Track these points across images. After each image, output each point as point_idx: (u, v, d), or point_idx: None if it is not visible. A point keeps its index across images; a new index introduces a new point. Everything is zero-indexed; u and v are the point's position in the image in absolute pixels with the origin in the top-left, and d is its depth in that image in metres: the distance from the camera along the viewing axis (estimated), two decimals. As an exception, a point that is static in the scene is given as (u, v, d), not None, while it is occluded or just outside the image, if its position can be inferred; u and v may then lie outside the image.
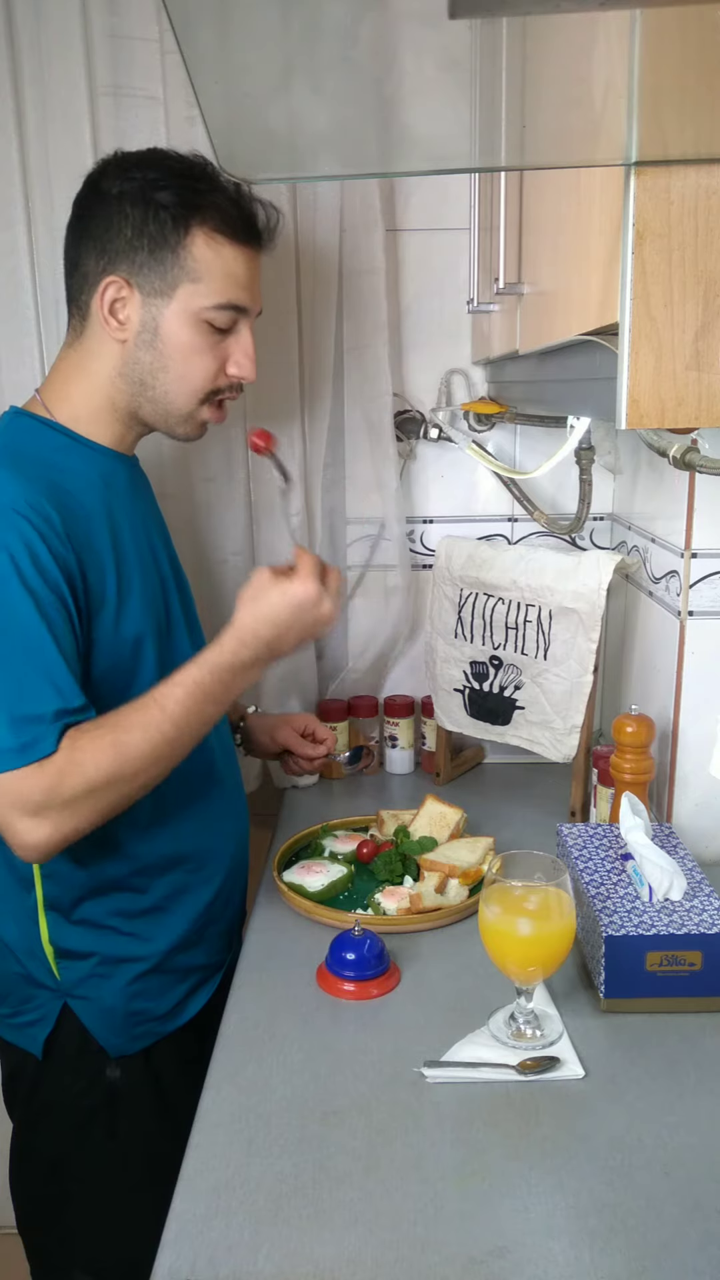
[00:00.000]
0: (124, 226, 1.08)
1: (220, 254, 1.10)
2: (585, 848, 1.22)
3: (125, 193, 1.08)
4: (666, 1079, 0.95)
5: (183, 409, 1.15)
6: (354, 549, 1.71)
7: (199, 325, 1.11)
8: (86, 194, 1.11)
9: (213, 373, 1.14)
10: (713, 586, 1.30)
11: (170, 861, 1.18)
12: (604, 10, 0.44)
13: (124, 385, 1.13)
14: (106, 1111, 1.17)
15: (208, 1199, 0.82)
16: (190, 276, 1.09)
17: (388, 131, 0.67)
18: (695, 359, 0.72)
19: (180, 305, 1.10)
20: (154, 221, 1.07)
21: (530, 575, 1.48)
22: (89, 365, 1.13)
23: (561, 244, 0.94)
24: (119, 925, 1.16)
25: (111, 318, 1.10)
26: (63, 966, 1.15)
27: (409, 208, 1.59)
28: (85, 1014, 1.15)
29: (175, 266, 1.09)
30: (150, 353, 1.11)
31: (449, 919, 1.22)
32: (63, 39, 1.40)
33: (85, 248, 1.10)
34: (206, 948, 1.24)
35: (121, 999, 1.16)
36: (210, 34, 0.49)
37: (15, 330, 1.50)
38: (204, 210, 1.08)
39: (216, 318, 1.11)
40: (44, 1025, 1.16)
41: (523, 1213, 0.80)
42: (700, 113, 0.61)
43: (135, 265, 1.09)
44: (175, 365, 1.12)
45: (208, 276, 1.10)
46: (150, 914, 1.17)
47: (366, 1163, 0.85)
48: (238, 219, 1.11)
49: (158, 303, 1.10)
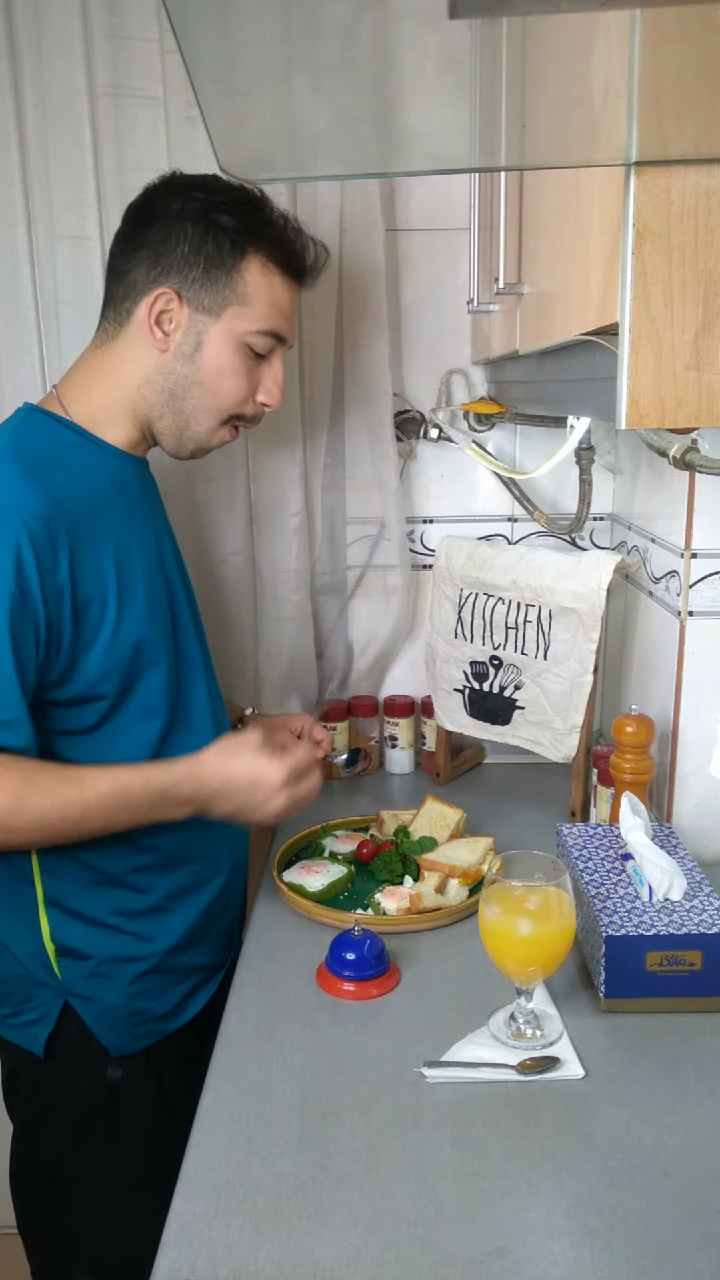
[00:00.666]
0: (182, 242, 1.11)
1: (271, 283, 1.14)
2: (585, 848, 1.22)
3: (187, 210, 1.11)
4: (666, 1079, 0.95)
5: (203, 425, 1.17)
6: (354, 549, 1.71)
7: (239, 348, 1.14)
8: (144, 206, 1.14)
9: (243, 396, 1.17)
10: (713, 586, 1.30)
11: (173, 861, 1.19)
12: (604, 10, 0.44)
13: (150, 394, 1.15)
14: (108, 1111, 1.18)
15: (208, 1199, 0.82)
16: (240, 300, 1.13)
17: (388, 131, 0.67)
18: (695, 359, 0.72)
19: (226, 326, 1.13)
20: (213, 242, 1.11)
21: (530, 575, 1.48)
22: (118, 369, 1.15)
23: (561, 244, 0.94)
24: (120, 924, 1.16)
25: (157, 327, 1.12)
26: (64, 965, 1.15)
27: (409, 208, 1.59)
28: (87, 1013, 1.15)
29: (227, 288, 1.12)
30: (189, 366, 1.13)
31: (449, 919, 1.22)
32: (63, 39, 1.40)
33: (138, 257, 1.13)
34: (207, 947, 1.25)
35: (123, 998, 1.16)
36: (210, 34, 0.49)
37: (15, 330, 1.50)
38: (263, 239, 1.13)
39: (257, 343, 1.15)
40: (45, 1024, 1.16)
41: (523, 1213, 0.80)
42: (700, 113, 0.61)
43: (188, 280, 1.11)
44: (209, 382, 1.14)
45: (256, 302, 1.13)
46: (152, 914, 1.18)
47: (366, 1163, 0.85)
48: (292, 253, 1.16)
49: (204, 319, 1.12)
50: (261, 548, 1.61)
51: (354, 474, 1.67)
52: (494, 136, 0.66)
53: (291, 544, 1.60)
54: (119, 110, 1.44)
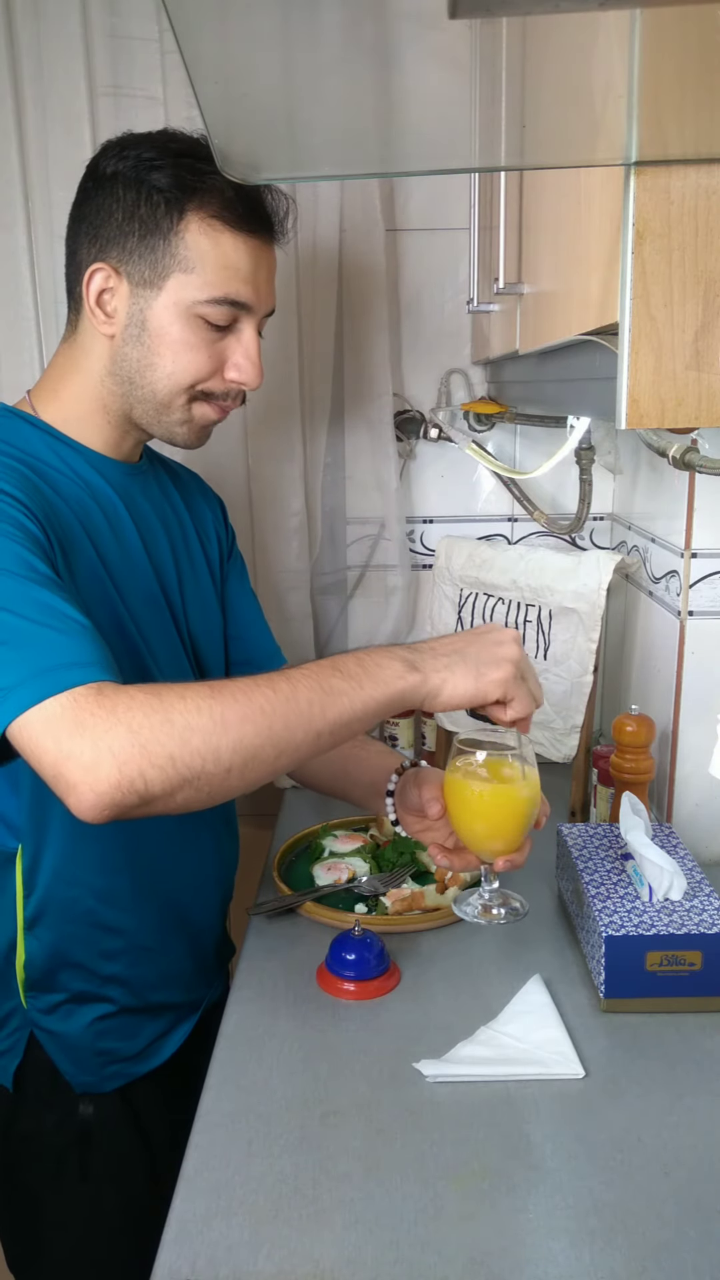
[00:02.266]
0: (115, 210, 0.99)
1: (218, 243, 0.99)
2: (585, 848, 1.22)
3: (119, 173, 0.99)
4: (666, 1079, 0.95)
5: (169, 402, 1.03)
6: (354, 549, 1.71)
7: (191, 320, 1.00)
8: (85, 176, 1.03)
9: (205, 371, 1.02)
10: (713, 586, 1.30)
11: (156, 905, 1.11)
12: (604, 10, 0.44)
13: (114, 385, 1.03)
14: (78, 1150, 1.09)
15: (208, 1199, 0.82)
16: (182, 266, 0.98)
17: (388, 131, 0.67)
18: (695, 359, 0.72)
19: (170, 297, 0.99)
20: (146, 204, 0.98)
21: (530, 575, 1.48)
22: (81, 363, 1.04)
23: (561, 244, 0.94)
24: (91, 963, 1.07)
25: (99, 309, 1.01)
26: (30, 995, 1.07)
27: (409, 208, 1.59)
28: (51, 1047, 1.07)
29: (167, 254, 0.98)
30: (138, 348, 1.01)
31: (449, 919, 1.22)
32: (63, 39, 1.41)
33: (80, 233, 1.02)
34: (181, 986, 1.16)
35: (87, 1036, 1.08)
36: (210, 34, 0.49)
37: (15, 330, 1.50)
38: (201, 194, 0.98)
39: (211, 313, 1.00)
40: (13, 1055, 1.08)
41: (523, 1213, 0.80)
42: (700, 113, 0.61)
43: (125, 252, 0.99)
44: (163, 362, 1.01)
45: (201, 267, 0.99)
46: (126, 954, 1.09)
47: (366, 1163, 0.85)
48: (239, 204, 0.99)
49: (146, 294, 1.00)
50: (261, 548, 1.61)
51: (354, 474, 1.67)
52: (494, 136, 0.66)
53: (291, 544, 1.60)
54: (119, 110, 1.44)
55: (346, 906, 1.25)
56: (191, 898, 1.16)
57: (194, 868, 1.16)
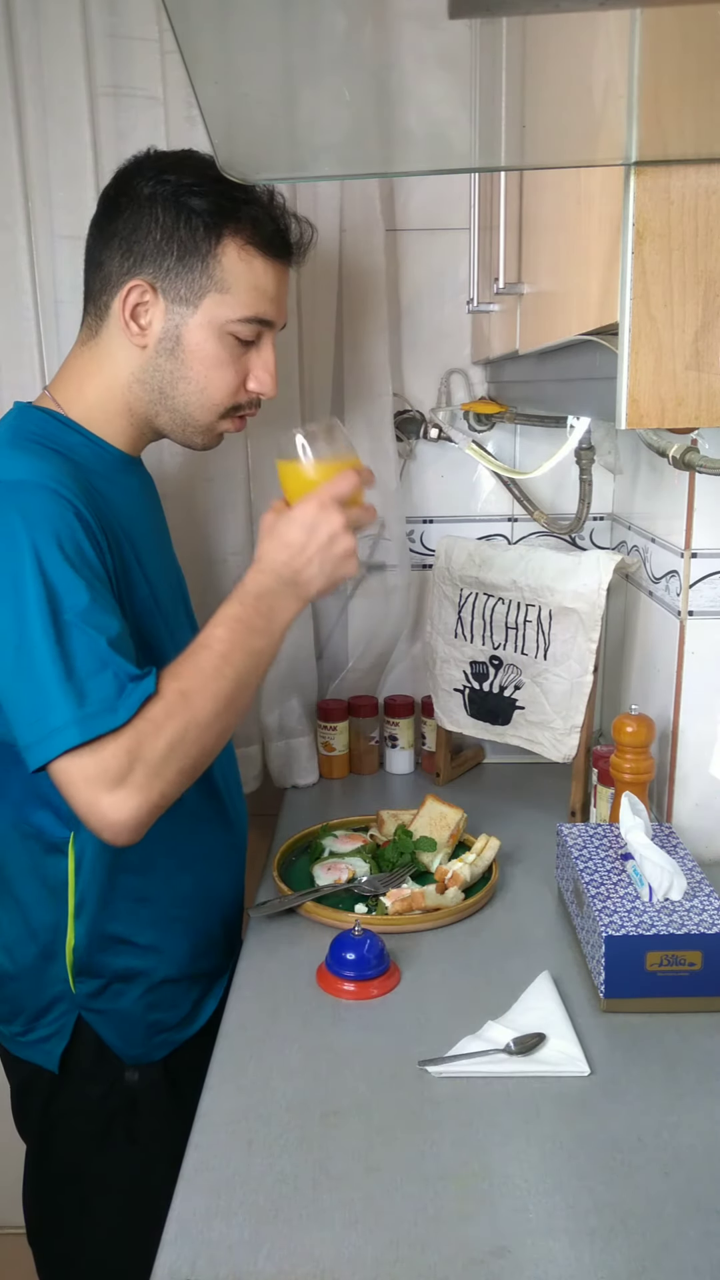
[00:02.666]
0: (153, 229, 1.05)
1: (251, 266, 1.07)
2: (585, 848, 1.22)
3: (157, 195, 1.05)
4: (666, 1079, 0.95)
5: (201, 421, 1.13)
6: (354, 549, 1.71)
7: (223, 337, 1.09)
8: (116, 191, 1.08)
9: (233, 387, 1.12)
10: (713, 586, 1.30)
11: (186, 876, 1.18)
12: (604, 10, 0.44)
13: (142, 392, 1.11)
14: (126, 1116, 1.16)
15: (208, 1199, 0.82)
16: (219, 287, 1.07)
17: (388, 131, 0.67)
18: (695, 359, 0.72)
19: (206, 316, 1.07)
20: (185, 227, 1.05)
21: (530, 575, 1.48)
22: (106, 367, 1.11)
23: (561, 244, 0.94)
24: (132, 936, 1.14)
25: (133, 322, 1.08)
26: (79, 980, 1.13)
27: (409, 208, 1.59)
28: (102, 1026, 1.14)
29: (204, 275, 1.06)
30: (172, 361, 1.09)
31: (449, 919, 1.22)
32: (63, 39, 1.40)
33: (111, 246, 1.08)
34: (213, 953, 1.24)
35: (138, 1010, 1.15)
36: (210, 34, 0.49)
37: (15, 330, 1.50)
38: (239, 220, 1.06)
39: (242, 330, 1.09)
40: (60, 1039, 1.14)
41: (523, 1213, 0.80)
42: (700, 113, 0.61)
43: (162, 270, 1.06)
44: (196, 376, 1.09)
45: (236, 288, 1.07)
46: (160, 924, 1.16)
47: (366, 1163, 0.85)
48: (272, 232, 1.08)
49: (182, 311, 1.07)
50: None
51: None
52: (494, 136, 0.66)
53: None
54: (119, 110, 1.44)
55: (346, 906, 1.25)
56: (216, 866, 1.23)
57: (214, 837, 1.23)
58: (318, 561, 1.05)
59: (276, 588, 1.05)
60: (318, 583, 1.06)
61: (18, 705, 0.96)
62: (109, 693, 0.94)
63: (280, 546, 1.05)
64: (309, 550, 1.04)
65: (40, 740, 0.94)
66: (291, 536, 1.04)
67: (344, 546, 1.05)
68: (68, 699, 0.93)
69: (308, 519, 1.04)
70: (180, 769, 0.98)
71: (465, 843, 1.38)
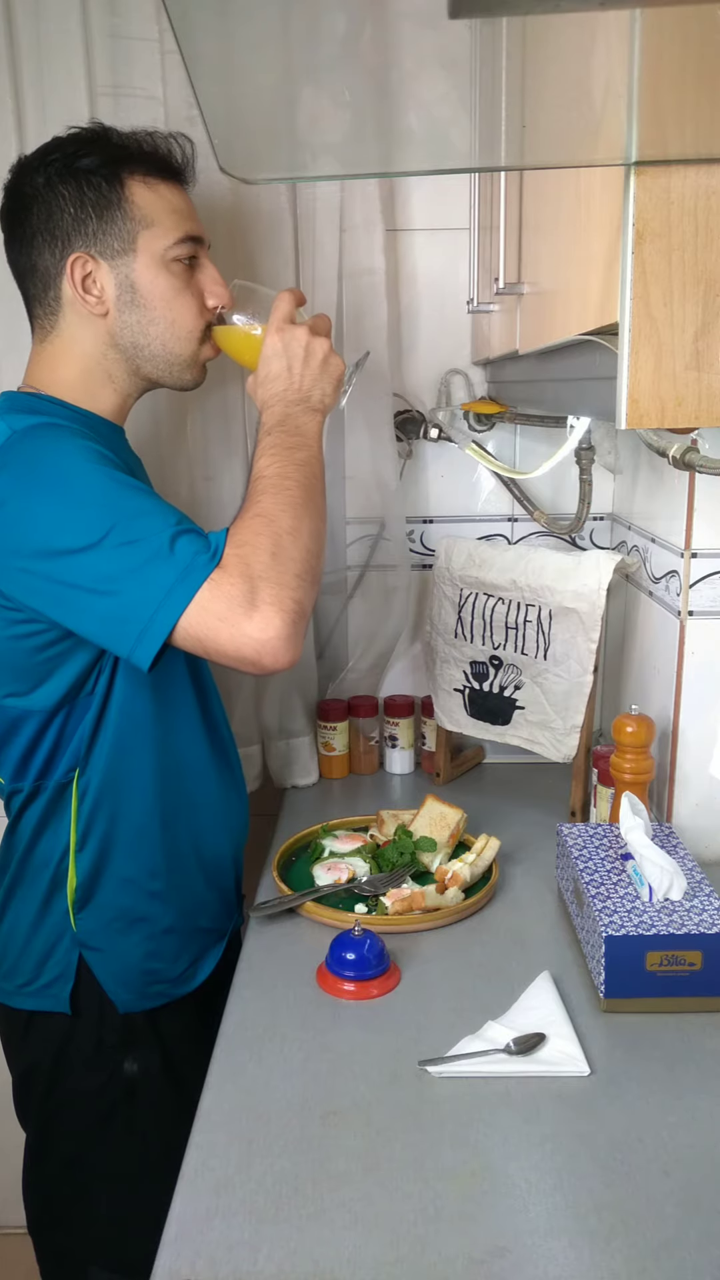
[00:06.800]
0: (65, 206, 1.10)
1: (159, 193, 1.13)
2: (585, 848, 1.22)
3: (52, 177, 1.11)
4: (666, 1079, 0.95)
5: (184, 354, 1.17)
6: (354, 549, 1.71)
7: (168, 265, 1.14)
8: (13, 201, 1.14)
9: (196, 309, 1.17)
10: (713, 586, 1.30)
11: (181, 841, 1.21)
12: (604, 10, 0.44)
13: (119, 355, 1.15)
14: (125, 1106, 1.19)
15: (208, 1199, 0.82)
16: (144, 224, 1.12)
17: (388, 131, 0.67)
18: (695, 359, 0.72)
19: (146, 255, 1.13)
20: (90, 189, 1.10)
21: (530, 575, 1.48)
22: (74, 349, 1.15)
23: (561, 244, 0.94)
24: (137, 878, 1.17)
25: (87, 294, 1.12)
26: (79, 916, 1.16)
27: (409, 208, 1.59)
28: (99, 968, 1.16)
29: (126, 220, 1.11)
30: (135, 311, 1.14)
31: (449, 919, 1.22)
32: (63, 39, 1.40)
33: (35, 245, 1.12)
34: (212, 912, 1.26)
35: (136, 955, 1.18)
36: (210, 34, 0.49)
37: (15, 330, 1.50)
38: (130, 160, 1.12)
39: (180, 252, 1.14)
40: (65, 980, 1.17)
41: (523, 1213, 0.80)
42: (700, 113, 0.61)
43: (90, 236, 1.11)
44: (162, 314, 1.14)
45: (158, 217, 1.13)
46: (167, 872, 1.19)
47: (366, 1163, 0.86)
48: (160, 158, 1.15)
49: (125, 261, 1.12)
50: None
51: (354, 474, 1.67)
52: (494, 136, 0.66)
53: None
54: (119, 110, 1.43)
55: (346, 906, 1.25)
56: (220, 819, 1.26)
57: (220, 789, 1.26)
58: (309, 375, 1.12)
59: (291, 411, 1.11)
60: (318, 391, 1.13)
61: (115, 600, 0.98)
62: (197, 545, 0.98)
63: (270, 381, 1.12)
64: (295, 368, 1.12)
65: (153, 615, 0.96)
66: (274, 368, 1.12)
67: (321, 350, 1.13)
68: (164, 564, 0.97)
69: (277, 347, 1.12)
70: (296, 573, 1.00)
71: (465, 843, 1.38)
